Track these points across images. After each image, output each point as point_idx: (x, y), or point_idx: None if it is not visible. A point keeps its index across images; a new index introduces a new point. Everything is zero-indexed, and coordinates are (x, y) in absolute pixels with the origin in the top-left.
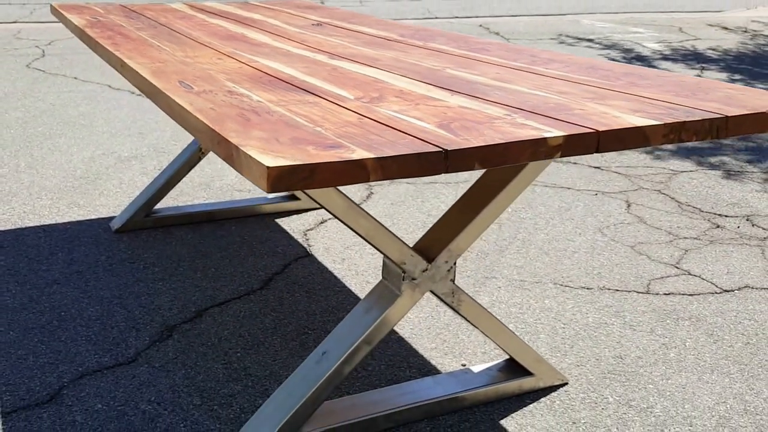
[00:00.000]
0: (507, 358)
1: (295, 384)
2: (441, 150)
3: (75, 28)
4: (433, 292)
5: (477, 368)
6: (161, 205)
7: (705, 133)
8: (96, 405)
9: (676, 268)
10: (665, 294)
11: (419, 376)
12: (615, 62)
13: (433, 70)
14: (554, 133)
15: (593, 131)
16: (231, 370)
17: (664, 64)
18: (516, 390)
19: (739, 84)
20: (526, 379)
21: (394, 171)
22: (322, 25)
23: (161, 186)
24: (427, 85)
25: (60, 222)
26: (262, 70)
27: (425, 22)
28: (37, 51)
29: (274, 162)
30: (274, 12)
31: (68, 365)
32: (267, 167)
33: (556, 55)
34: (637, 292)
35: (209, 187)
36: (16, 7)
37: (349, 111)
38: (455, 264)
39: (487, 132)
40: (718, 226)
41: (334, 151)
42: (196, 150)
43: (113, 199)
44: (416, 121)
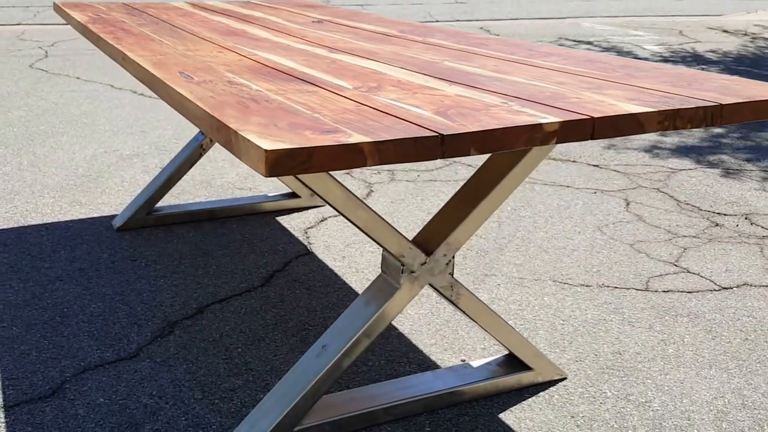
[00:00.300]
0: (506, 353)
1: (295, 377)
2: (437, 135)
3: (78, 25)
4: (431, 286)
5: (476, 363)
6: (162, 203)
7: (700, 120)
8: (98, 399)
9: (675, 265)
10: (664, 291)
11: (419, 371)
12: (613, 56)
13: (431, 63)
14: (550, 119)
15: (588, 117)
16: (232, 365)
17: None
18: (515, 384)
19: None
20: (525, 373)
21: (391, 155)
22: (322, 23)
23: (162, 184)
24: (425, 76)
25: (62, 220)
26: (261, 63)
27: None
28: (40, 52)
29: (272, 145)
30: (276, 10)
31: (70, 360)
32: (265, 150)
33: (554, 49)
34: (636, 290)
35: (210, 185)
36: (19, 9)
37: (347, 99)
38: (454, 257)
39: (483, 118)
40: (716, 225)
41: (331, 135)
42: (196, 147)
43: (115, 197)
44: (413, 108)
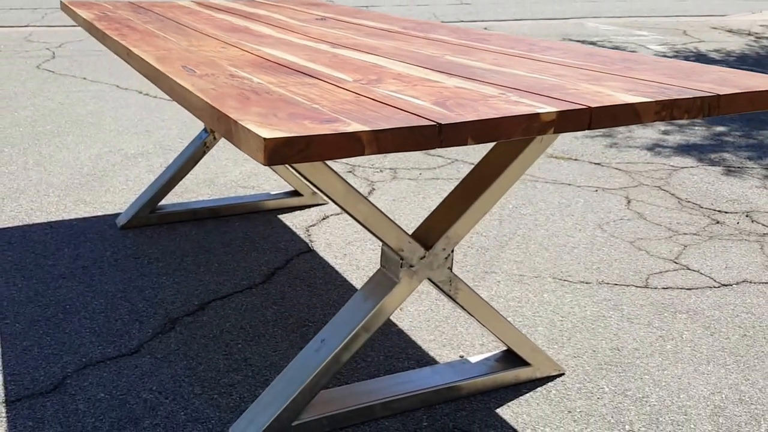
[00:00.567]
0: (504, 349)
1: (294, 372)
2: (435, 124)
3: (84, 22)
4: (430, 280)
5: (474, 358)
6: (166, 202)
7: (697, 110)
8: (98, 394)
9: (675, 263)
10: (663, 288)
11: (417, 366)
12: (613, 50)
13: (432, 57)
14: (547, 109)
15: (585, 107)
16: (232, 360)
17: None
18: (513, 380)
19: None
20: (523, 369)
21: (389, 144)
22: (325, 20)
23: (166, 182)
24: (426, 69)
25: (66, 218)
26: (264, 57)
27: None
28: (47, 53)
29: (271, 134)
30: (280, 8)
31: (72, 356)
32: (264, 139)
33: (555, 44)
34: (636, 287)
35: (213, 183)
36: (27, 11)
37: (346, 91)
38: (453, 252)
39: (481, 108)
40: (717, 222)
41: (330, 125)
42: (200, 145)
43: (119, 195)
44: (412, 99)
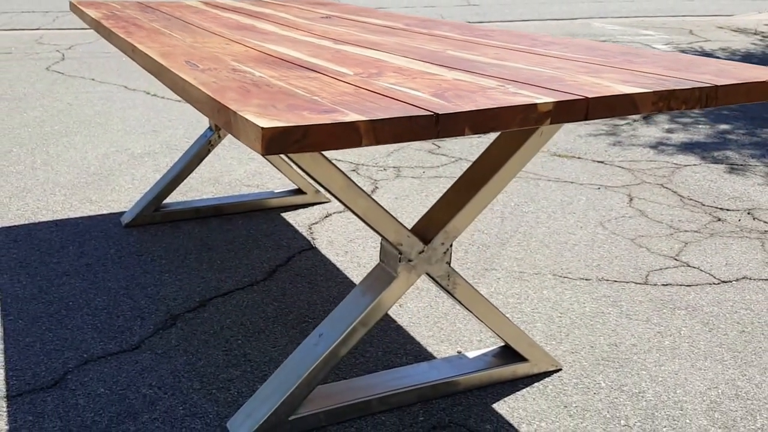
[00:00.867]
0: (502, 344)
1: (292, 366)
2: (432, 114)
3: (91, 21)
4: (428, 275)
5: (472, 354)
6: (170, 200)
7: (695, 101)
8: (98, 389)
9: (675, 260)
10: (663, 285)
11: (415, 362)
12: (614, 44)
13: (434, 52)
14: (544, 99)
15: (582, 98)
16: (231, 356)
17: None
18: (510, 375)
19: None
20: (520, 364)
21: (386, 134)
22: (330, 18)
23: (170, 181)
24: (426, 63)
25: (72, 217)
26: (267, 53)
27: None
28: (57, 55)
29: (269, 124)
30: (286, 7)
31: (74, 352)
32: (261, 128)
33: (557, 39)
34: (635, 283)
35: (218, 182)
36: (39, 14)
37: (346, 83)
38: (451, 246)
39: (479, 99)
40: (719, 220)
41: (328, 115)
42: (205, 143)
43: (125, 194)
44: (411, 91)
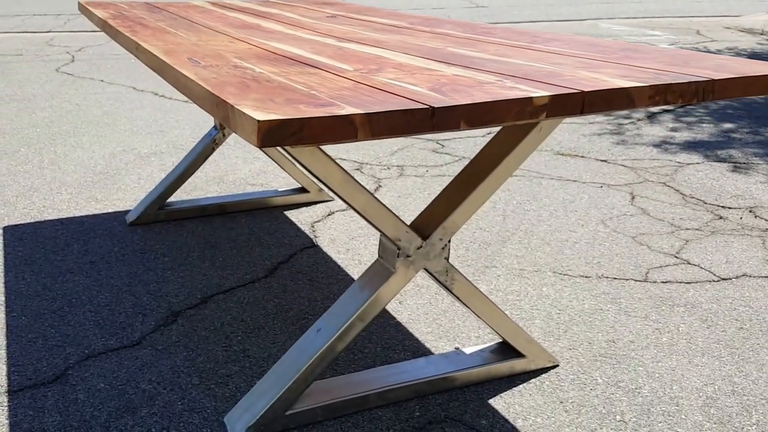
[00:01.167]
0: (500, 340)
1: (290, 361)
2: (428, 107)
3: (99, 21)
4: (427, 270)
5: (469, 349)
6: (174, 199)
7: (691, 95)
8: (99, 384)
9: (676, 257)
10: (663, 282)
11: (414, 358)
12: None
13: (435, 49)
14: (540, 93)
15: (578, 91)
16: (230, 352)
17: None
18: (507, 371)
19: None
20: (517, 360)
21: (382, 127)
22: (335, 17)
23: (174, 180)
24: (427, 60)
25: (77, 215)
26: (269, 50)
27: None
28: (67, 56)
29: (265, 116)
30: (292, 7)
31: (75, 348)
32: (258, 121)
33: (558, 36)
34: (635, 280)
35: (222, 181)
36: (51, 17)
37: (346, 79)
38: (449, 242)
39: (476, 93)
40: (720, 218)
41: (324, 108)
42: (209, 142)
43: (130, 193)
44: (409, 85)
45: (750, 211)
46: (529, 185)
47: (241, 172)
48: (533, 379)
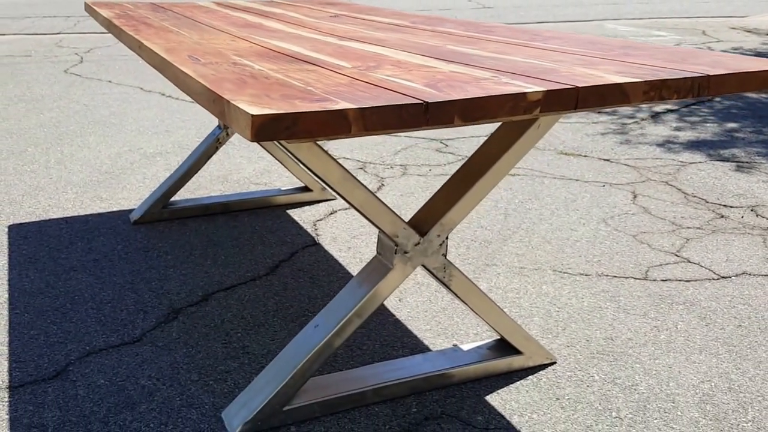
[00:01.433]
0: (497, 337)
1: (288, 357)
2: (422, 102)
3: (104, 20)
4: (424, 267)
5: (467, 346)
6: (178, 198)
7: (686, 91)
8: (98, 380)
9: (676, 256)
10: (662, 280)
11: (411, 355)
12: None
13: (434, 47)
14: (533, 89)
15: (572, 87)
16: (230, 348)
17: None
18: (505, 368)
19: None
20: (515, 357)
21: (375, 122)
22: (338, 17)
23: (178, 179)
24: (425, 57)
25: (82, 214)
26: (270, 48)
27: None
28: (75, 58)
29: (259, 111)
30: (295, 7)
31: (76, 344)
32: (252, 115)
33: (559, 33)
34: (635, 279)
35: (227, 180)
36: (60, 19)
37: (343, 75)
38: (447, 238)
39: (470, 89)
40: (722, 216)
41: (318, 103)
42: (213, 141)
43: (135, 192)
44: (406, 82)
45: (751, 210)
46: (532, 184)
47: (246, 171)
48: (530, 376)
